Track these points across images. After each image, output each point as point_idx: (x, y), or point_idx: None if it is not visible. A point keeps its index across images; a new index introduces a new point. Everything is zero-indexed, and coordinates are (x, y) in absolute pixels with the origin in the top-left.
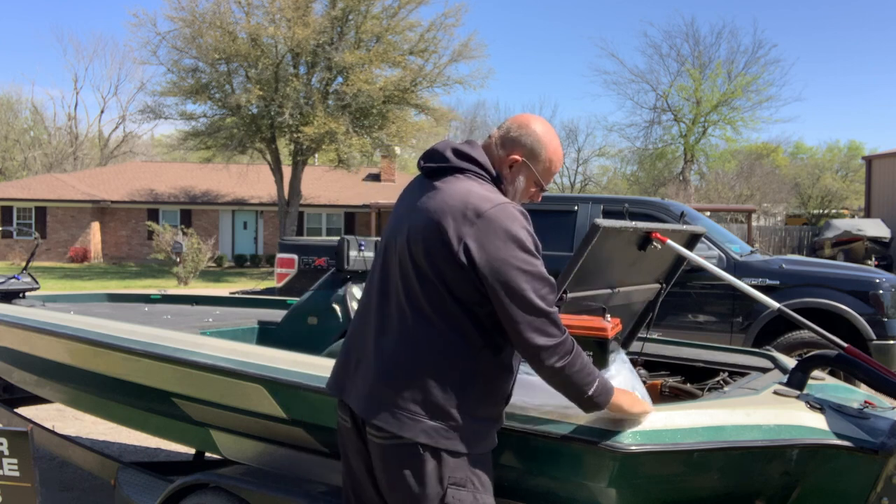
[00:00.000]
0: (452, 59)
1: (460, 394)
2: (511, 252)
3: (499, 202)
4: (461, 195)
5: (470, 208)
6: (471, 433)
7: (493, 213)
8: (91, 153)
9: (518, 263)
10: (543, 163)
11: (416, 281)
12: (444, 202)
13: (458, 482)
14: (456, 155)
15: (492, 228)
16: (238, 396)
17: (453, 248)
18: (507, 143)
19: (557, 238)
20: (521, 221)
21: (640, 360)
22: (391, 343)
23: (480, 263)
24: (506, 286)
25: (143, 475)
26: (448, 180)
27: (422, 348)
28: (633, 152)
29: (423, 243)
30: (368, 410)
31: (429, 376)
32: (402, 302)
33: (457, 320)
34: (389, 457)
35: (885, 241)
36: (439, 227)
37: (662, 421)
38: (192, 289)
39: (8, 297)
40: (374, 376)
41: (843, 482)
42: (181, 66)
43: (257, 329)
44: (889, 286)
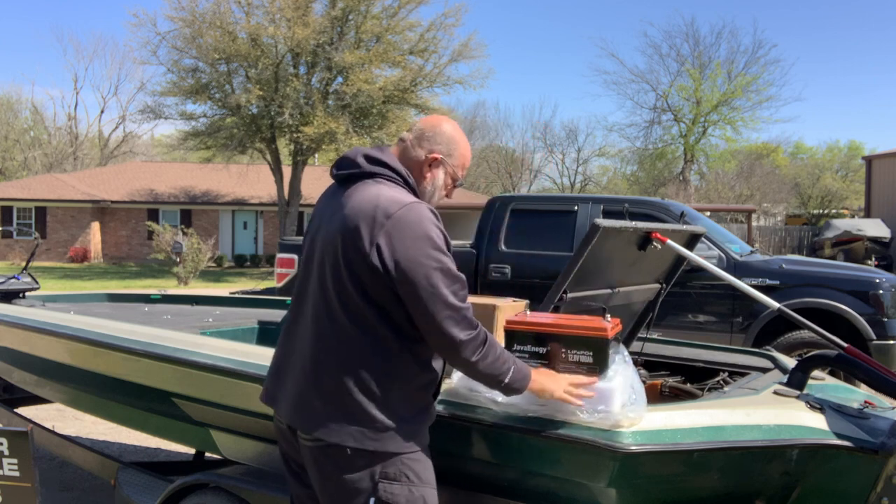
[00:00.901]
0: (452, 59)
1: (382, 396)
2: (423, 251)
3: (407, 202)
4: (371, 199)
5: (380, 211)
6: (398, 434)
7: (402, 214)
8: (91, 153)
9: (430, 262)
10: (458, 158)
11: (333, 287)
12: (354, 207)
13: (389, 476)
14: (367, 160)
15: (402, 229)
16: (238, 396)
17: (365, 251)
18: (423, 142)
19: (557, 238)
20: (431, 220)
21: (640, 360)
22: (313, 350)
23: (392, 265)
24: (419, 285)
25: (143, 475)
26: (358, 186)
27: (341, 353)
28: (633, 152)
29: (338, 249)
30: (295, 418)
31: (350, 381)
32: (321, 308)
33: (373, 324)
34: (318, 458)
35: (885, 241)
36: (352, 232)
37: (662, 421)
38: (192, 289)
39: (8, 297)
40: (299, 383)
41: (843, 482)
42: (181, 66)
43: (257, 329)
44: (889, 286)
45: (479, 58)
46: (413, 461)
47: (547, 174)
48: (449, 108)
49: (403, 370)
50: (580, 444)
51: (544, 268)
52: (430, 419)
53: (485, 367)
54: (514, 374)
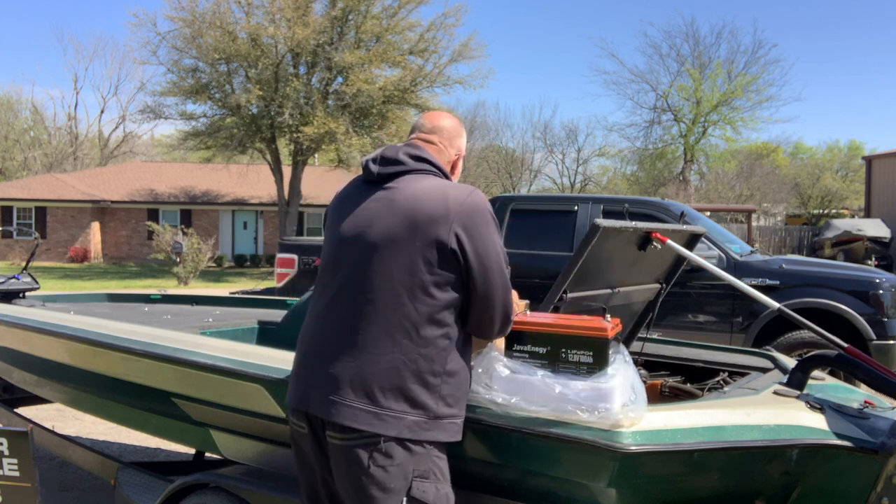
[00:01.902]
0: (452, 59)
1: (435, 384)
2: (494, 237)
3: (471, 190)
4: (436, 188)
5: (451, 198)
6: (447, 422)
7: (473, 201)
8: (91, 153)
9: (499, 247)
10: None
11: (398, 278)
12: (420, 197)
13: (422, 474)
14: (411, 158)
15: (475, 215)
16: (238, 396)
17: (443, 238)
18: (456, 141)
19: (557, 238)
20: (489, 205)
21: (640, 360)
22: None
23: (471, 249)
24: (493, 269)
25: (143, 475)
26: (406, 179)
27: (400, 345)
28: (633, 152)
29: (408, 237)
30: (345, 416)
31: (406, 371)
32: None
33: (432, 313)
34: (352, 457)
35: (885, 241)
36: (426, 220)
37: (662, 421)
38: (192, 289)
39: (8, 297)
40: (347, 381)
41: (843, 482)
42: (181, 66)
43: (257, 329)
44: (889, 286)
45: (479, 58)
46: (440, 458)
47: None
48: (449, 108)
49: (454, 358)
50: (580, 444)
51: (544, 268)
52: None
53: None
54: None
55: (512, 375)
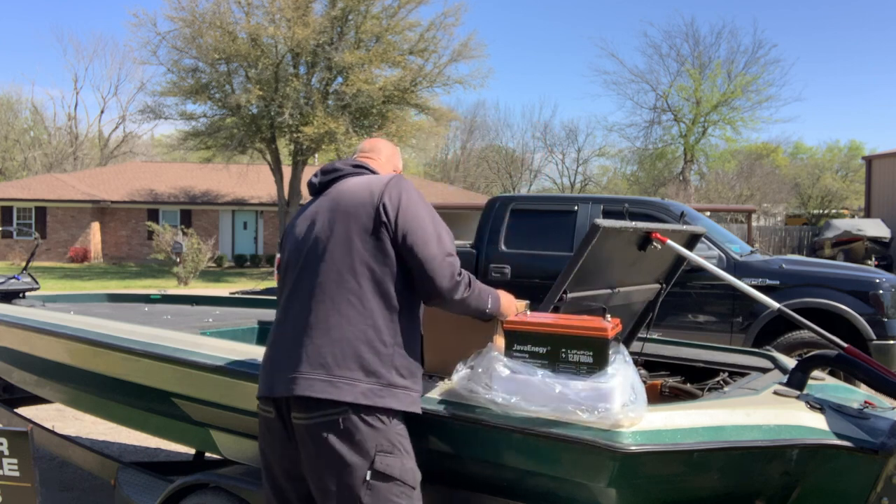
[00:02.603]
0: (452, 59)
1: (386, 354)
2: (420, 203)
3: (393, 174)
4: (363, 180)
5: (375, 182)
6: (400, 392)
7: (395, 180)
8: (91, 153)
9: (427, 212)
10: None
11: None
12: (352, 189)
13: (385, 449)
14: (350, 165)
15: (398, 188)
16: (238, 396)
17: (371, 215)
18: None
19: (557, 238)
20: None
21: (640, 360)
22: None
23: (396, 215)
24: (424, 229)
25: (143, 475)
26: (342, 182)
27: (348, 317)
28: (633, 152)
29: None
30: (304, 387)
31: (356, 340)
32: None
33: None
34: (316, 435)
35: (885, 241)
36: (356, 206)
37: (662, 421)
38: (192, 289)
39: (8, 297)
40: (303, 357)
41: (843, 482)
42: (181, 66)
43: (257, 329)
44: (889, 286)
45: (479, 58)
46: (401, 436)
47: (547, 174)
48: (449, 107)
49: (403, 327)
50: (580, 444)
51: (544, 268)
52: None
53: (472, 302)
54: (492, 301)
55: (512, 375)
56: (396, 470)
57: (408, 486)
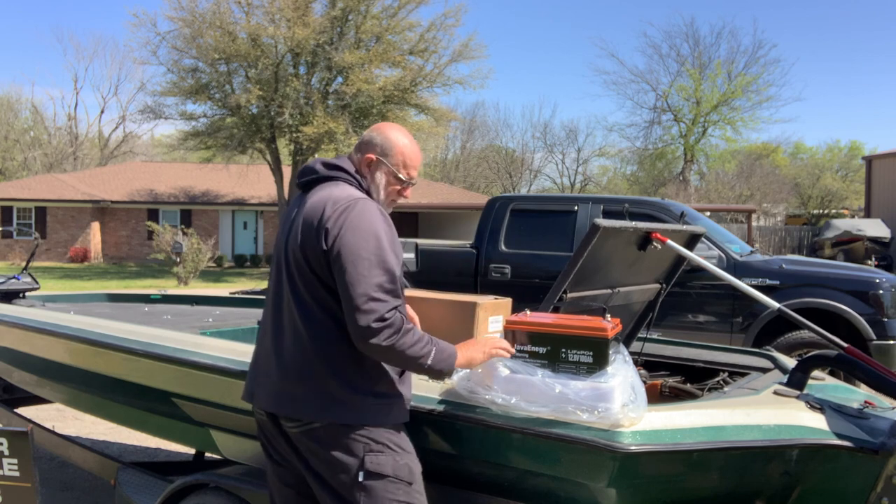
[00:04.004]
0: (452, 60)
1: (350, 375)
2: (360, 239)
3: (356, 197)
4: (324, 197)
5: (330, 203)
6: (376, 408)
7: (349, 205)
8: (91, 153)
9: (363, 251)
10: (396, 157)
11: (300, 277)
12: (312, 206)
13: (374, 448)
14: (325, 167)
15: (346, 218)
16: (238, 396)
17: (318, 238)
18: (362, 147)
19: (557, 238)
20: (376, 214)
21: (640, 360)
22: (288, 340)
23: (332, 246)
24: (347, 269)
25: (143, 475)
26: (317, 189)
27: (312, 339)
28: (633, 152)
29: (302, 243)
30: (279, 406)
31: (323, 363)
32: (291, 301)
33: (334, 309)
34: (305, 441)
35: (885, 241)
36: (309, 225)
37: (662, 421)
38: (192, 289)
39: (8, 297)
40: (277, 373)
41: (843, 482)
42: (181, 66)
43: (257, 329)
44: (889, 286)
45: (479, 58)
46: (392, 434)
47: (547, 174)
48: (449, 108)
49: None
50: (580, 444)
51: (544, 268)
52: (402, 397)
53: (402, 352)
54: (435, 355)
55: (512, 375)
56: (388, 468)
57: (403, 482)
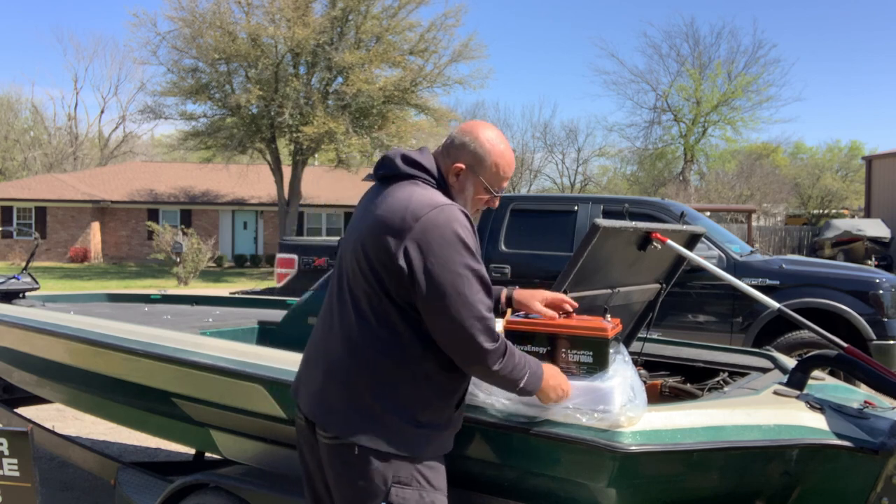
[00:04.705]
0: (452, 60)
1: (400, 399)
2: (452, 256)
3: (438, 204)
4: (403, 200)
5: (409, 212)
6: (415, 438)
7: (432, 216)
8: (91, 153)
9: (458, 268)
10: (489, 169)
11: (361, 283)
12: (388, 208)
13: (402, 481)
14: (404, 161)
15: (430, 231)
16: (238, 396)
17: (391, 252)
18: (452, 152)
19: (557, 238)
20: (462, 223)
21: (640, 360)
22: (337, 346)
23: (420, 269)
24: (447, 293)
25: (143, 475)
26: (395, 187)
27: (363, 352)
28: (633, 152)
29: (367, 247)
30: (315, 413)
31: (369, 381)
32: (349, 304)
33: (396, 325)
34: (334, 456)
35: (885, 241)
36: (381, 233)
37: (662, 421)
38: (192, 289)
39: (8, 297)
40: (321, 378)
41: (843, 482)
42: (181, 66)
43: (257, 329)
44: (889, 286)
45: (479, 58)
46: (426, 467)
47: (547, 174)
48: (449, 108)
49: (427, 376)
50: (580, 444)
51: (544, 268)
52: (453, 428)
53: (505, 375)
54: (528, 378)
55: None
56: (413, 503)
57: None
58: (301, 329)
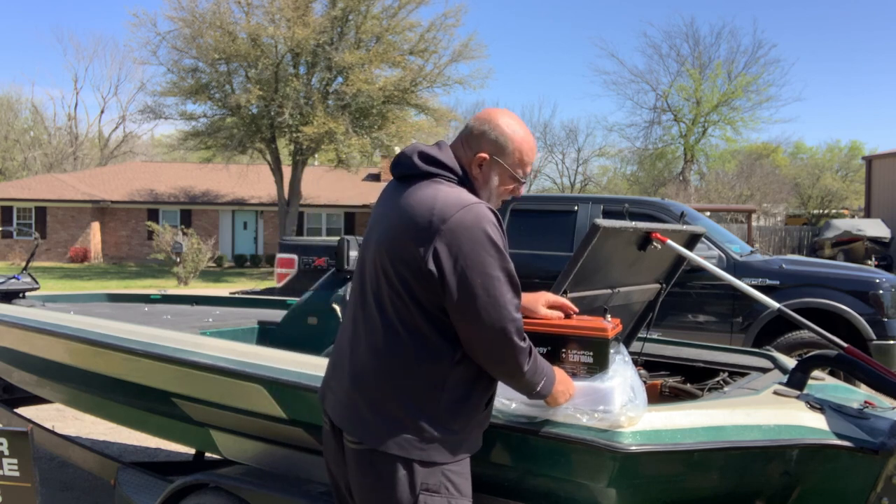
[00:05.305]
0: (452, 60)
1: (429, 405)
2: (482, 258)
3: (466, 203)
4: (428, 199)
5: (437, 213)
6: (444, 444)
7: (460, 217)
8: (91, 153)
9: (490, 270)
10: (512, 155)
11: (386, 288)
12: (411, 208)
13: (430, 488)
14: (422, 159)
15: (461, 233)
16: (238, 396)
17: (420, 256)
18: (472, 143)
19: (557, 238)
20: (491, 222)
21: (640, 360)
22: (363, 351)
23: (450, 271)
24: (478, 294)
25: (143, 475)
26: (417, 186)
27: (390, 358)
28: (633, 152)
29: (391, 250)
30: (342, 419)
31: (398, 388)
32: (373, 309)
33: (425, 331)
34: (361, 462)
35: (885, 241)
36: (407, 236)
37: (662, 421)
38: (192, 289)
39: (8, 297)
40: (348, 384)
41: (843, 482)
42: (181, 66)
43: (257, 329)
44: (889, 286)
45: (479, 58)
46: (454, 473)
47: (547, 174)
48: (449, 107)
49: (456, 381)
50: (580, 444)
51: (544, 268)
52: (482, 426)
53: (530, 379)
54: (545, 383)
55: None
56: None
57: None
58: (301, 329)
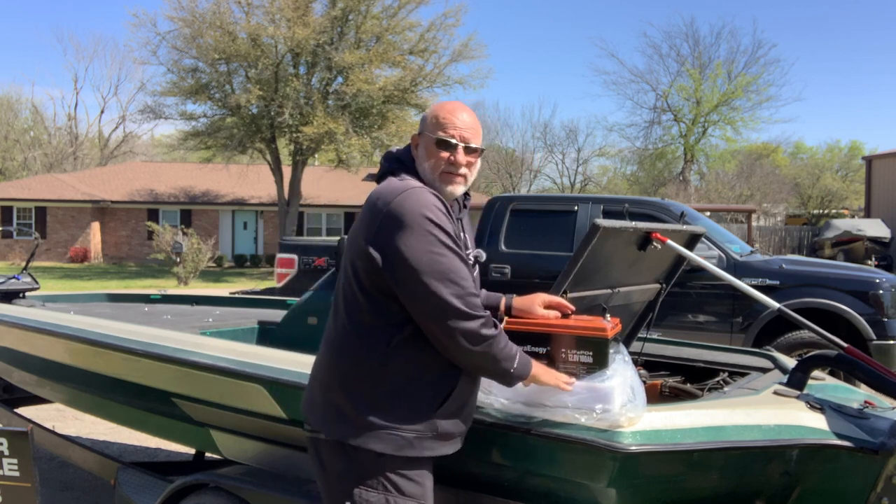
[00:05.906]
0: (452, 59)
1: (368, 390)
2: (423, 236)
3: (405, 189)
4: (377, 192)
5: (381, 200)
6: (384, 433)
7: (399, 200)
8: (91, 153)
9: (431, 247)
10: (430, 122)
11: (343, 280)
12: (366, 203)
13: (368, 484)
14: (384, 158)
15: (399, 216)
16: (238, 396)
17: (365, 244)
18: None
19: (557, 238)
20: (431, 203)
21: (640, 360)
22: (322, 347)
23: (392, 253)
24: (422, 269)
25: (143, 475)
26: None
27: (337, 345)
28: (633, 152)
29: (350, 245)
30: (302, 409)
31: (339, 372)
32: (337, 308)
33: (363, 314)
34: (309, 449)
35: (885, 241)
36: (359, 226)
37: (662, 421)
38: (192, 289)
39: (8, 297)
40: (309, 378)
41: (843, 482)
42: (181, 66)
43: (257, 329)
44: (889, 286)
45: (479, 58)
46: (399, 473)
47: (547, 174)
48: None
49: (398, 367)
50: (580, 444)
51: (544, 268)
52: (439, 438)
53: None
54: (519, 363)
55: None
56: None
57: None
58: (301, 329)
